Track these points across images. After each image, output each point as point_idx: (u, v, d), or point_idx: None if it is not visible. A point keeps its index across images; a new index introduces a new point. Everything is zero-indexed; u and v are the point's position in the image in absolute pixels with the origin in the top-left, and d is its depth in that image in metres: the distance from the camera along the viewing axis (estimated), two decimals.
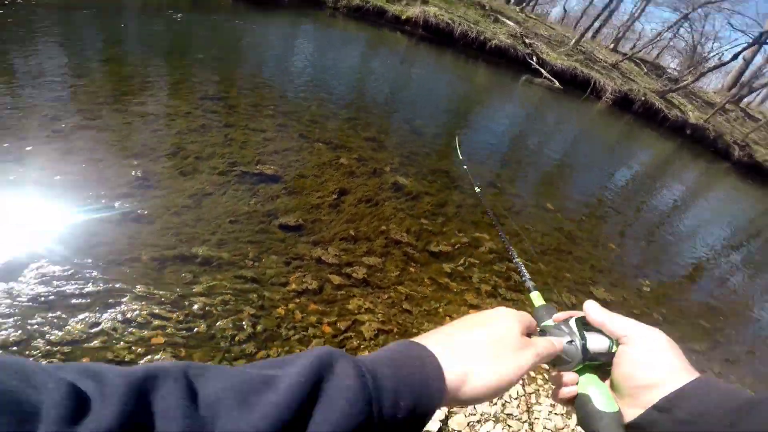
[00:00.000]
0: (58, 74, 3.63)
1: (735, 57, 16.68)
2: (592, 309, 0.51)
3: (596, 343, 0.50)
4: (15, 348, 1.60)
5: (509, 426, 2.00)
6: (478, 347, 0.42)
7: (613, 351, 0.48)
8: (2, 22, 4.35)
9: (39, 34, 4.30)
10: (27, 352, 1.60)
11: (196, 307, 1.96)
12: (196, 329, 1.87)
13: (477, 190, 1.61)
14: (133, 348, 1.72)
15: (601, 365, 0.50)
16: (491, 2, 18.01)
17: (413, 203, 3.51)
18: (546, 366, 0.53)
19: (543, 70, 13.21)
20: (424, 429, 1.94)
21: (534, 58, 13.42)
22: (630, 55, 17.44)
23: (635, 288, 3.94)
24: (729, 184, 12.45)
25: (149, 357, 1.73)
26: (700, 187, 10.47)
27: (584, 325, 0.53)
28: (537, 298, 0.70)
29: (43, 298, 1.78)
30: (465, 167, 4.37)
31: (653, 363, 0.43)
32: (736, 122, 17.32)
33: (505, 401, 2.14)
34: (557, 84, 12.90)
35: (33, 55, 3.85)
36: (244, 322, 1.98)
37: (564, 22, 28.95)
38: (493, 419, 1.98)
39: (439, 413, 1.93)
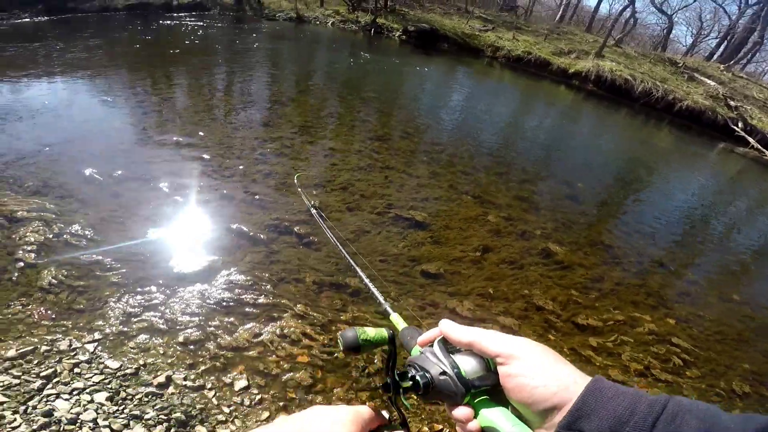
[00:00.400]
0: (265, 99, 4.59)
1: None
2: (450, 329, 0.46)
3: (471, 366, 0.44)
4: (192, 347, 1.88)
5: None
6: None
7: (492, 372, 0.43)
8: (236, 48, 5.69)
9: (254, 58, 5.53)
10: (199, 353, 1.86)
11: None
12: (336, 354, 1.99)
13: (313, 211, 1.41)
14: (281, 363, 1.90)
15: (491, 387, 0.43)
16: (686, 59, 15.65)
17: (563, 273, 3.15)
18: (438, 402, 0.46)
19: (750, 138, 10.66)
20: None
21: (740, 124, 10.98)
22: None
23: None
24: None
25: (291, 374, 1.88)
26: None
27: (449, 347, 0.47)
28: (398, 321, 0.62)
29: (225, 303, 2.12)
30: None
31: (541, 380, 0.38)
32: None
33: None
34: None
35: (249, 77, 4.94)
36: (376, 357, 2.03)
37: None
38: None
39: None
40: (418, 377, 0.44)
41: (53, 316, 1.88)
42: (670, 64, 13.57)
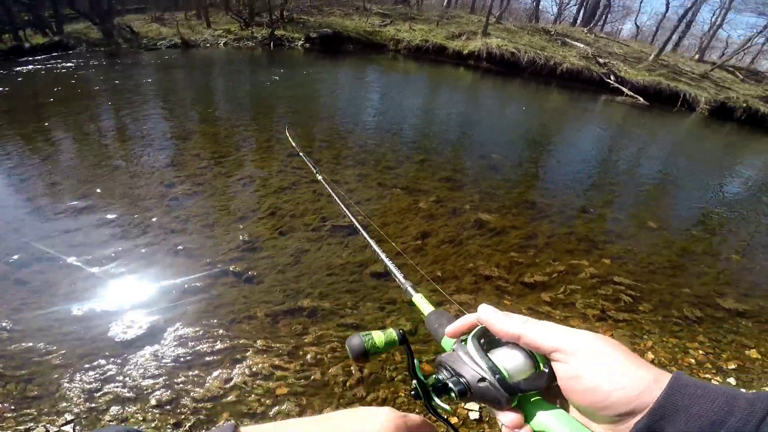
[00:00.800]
0: (166, 137, 4.21)
1: None
2: (491, 319, 0.38)
3: (516, 365, 0.37)
4: (168, 407, 1.74)
5: None
6: None
7: (544, 370, 0.36)
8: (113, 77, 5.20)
9: (143, 95, 5.08)
10: (178, 410, 1.73)
11: (309, 356, 2.03)
12: (312, 377, 1.92)
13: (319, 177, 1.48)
14: (263, 400, 1.80)
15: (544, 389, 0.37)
16: (556, 27, 17.49)
17: (499, 238, 3.34)
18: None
19: (624, 88, 12.26)
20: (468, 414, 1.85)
21: (612, 77, 12.55)
22: (720, 64, 15.51)
23: None
24: None
25: (278, 408, 1.79)
26: None
27: (488, 337, 0.40)
28: (423, 303, 0.54)
29: (183, 359, 1.95)
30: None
31: (616, 382, 0.31)
32: None
33: None
34: (641, 100, 11.84)
35: (142, 117, 4.52)
36: (352, 367, 1.99)
37: (638, 39, 26.92)
38: None
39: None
40: (450, 384, 0.37)
41: (12, 408, 1.68)
42: (544, 33, 15.07)
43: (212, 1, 11.28)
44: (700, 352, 2.63)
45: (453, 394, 0.37)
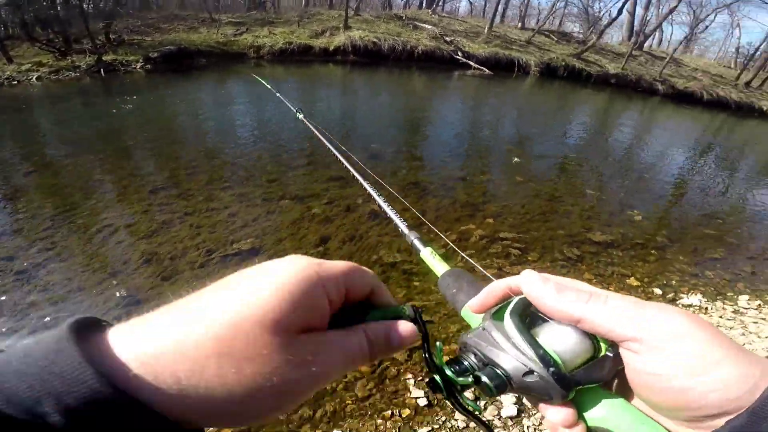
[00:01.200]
0: None
1: (620, 12, 18.10)
2: (541, 295, 0.29)
3: (570, 350, 0.28)
4: None
5: None
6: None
7: (608, 354, 0.28)
8: None
9: None
10: None
11: None
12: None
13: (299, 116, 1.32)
14: None
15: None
16: (406, 12, 18.51)
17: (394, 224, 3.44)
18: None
19: (470, 62, 13.60)
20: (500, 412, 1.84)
21: (459, 53, 13.81)
22: (538, 29, 18.25)
23: (627, 221, 4.08)
24: (667, 113, 13.21)
25: None
26: (647, 121, 11.02)
27: (530, 317, 0.31)
28: (432, 259, 0.43)
29: None
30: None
31: (705, 381, 0.24)
32: (647, 64, 18.37)
33: None
34: (487, 71, 13.30)
35: None
36: None
37: (473, 14, 30.10)
38: None
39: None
40: (484, 378, 0.28)
41: None
42: (397, 19, 15.83)
43: (9, 33, 9.09)
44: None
45: (486, 388, 0.28)
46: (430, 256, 0.43)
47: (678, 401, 0.25)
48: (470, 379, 0.29)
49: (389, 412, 1.86)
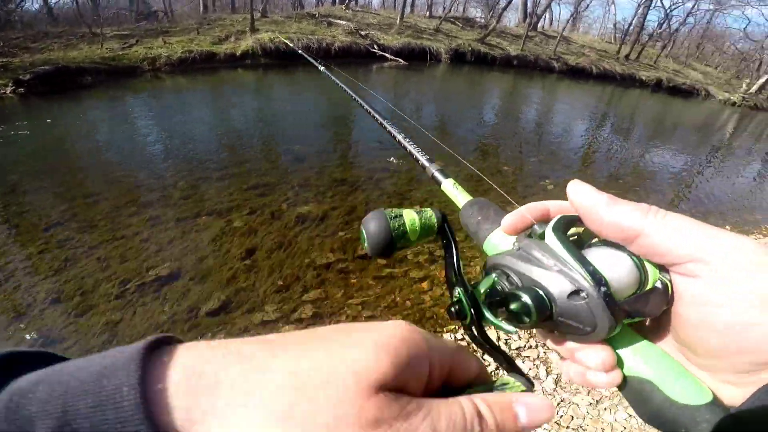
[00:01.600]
0: None
1: None
2: (596, 204, 0.25)
3: (620, 276, 0.24)
4: None
5: None
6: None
7: (657, 286, 0.24)
8: None
9: None
10: None
11: None
12: None
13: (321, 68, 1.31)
14: None
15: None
16: (319, 9, 18.11)
17: (324, 224, 3.36)
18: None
19: (386, 54, 13.72)
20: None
21: (375, 47, 13.85)
22: (444, 17, 18.97)
23: (542, 191, 4.44)
24: (564, 88, 14.52)
25: None
26: (549, 97, 11.98)
27: (578, 238, 0.27)
28: (455, 190, 0.40)
29: None
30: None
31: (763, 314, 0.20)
32: (542, 44, 20.02)
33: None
34: (402, 62, 13.52)
35: None
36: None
37: (386, 6, 30.40)
38: None
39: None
40: (524, 297, 0.23)
41: None
42: (310, 17, 15.41)
43: None
44: None
45: (523, 316, 0.24)
46: (452, 188, 0.40)
47: (740, 342, 0.21)
48: (499, 300, 0.25)
49: None
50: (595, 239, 0.28)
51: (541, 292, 0.24)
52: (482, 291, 0.26)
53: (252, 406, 0.17)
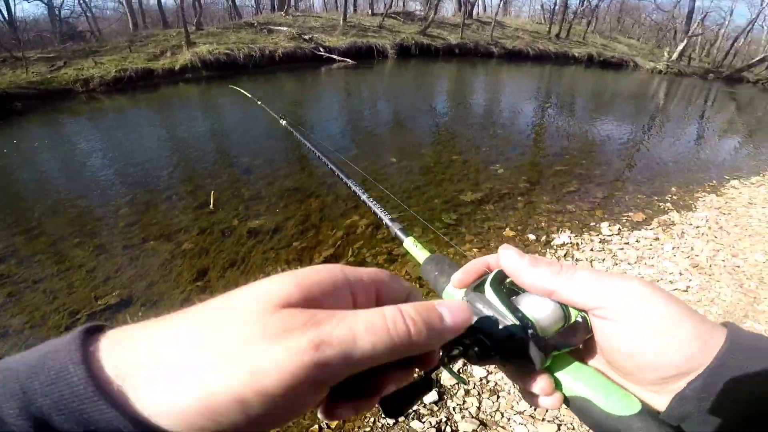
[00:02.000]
0: None
1: None
2: (519, 268, 0.30)
3: (546, 317, 0.29)
4: None
5: None
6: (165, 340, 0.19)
7: (578, 320, 0.30)
8: None
9: None
10: None
11: None
12: None
13: (283, 123, 1.26)
14: None
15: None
16: (257, 18, 17.50)
17: (278, 236, 3.22)
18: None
19: (333, 56, 13.51)
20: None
21: (321, 49, 13.59)
22: (386, 13, 18.96)
23: (492, 176, 4.43)
24: (505, 72, 14.92)
25: None
26: (492, 82, 12.27)
27: (508, 288, 0.32)
28: (415, 248, 0.44)
29: None
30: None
31: (658, 343, 0.26)
32: (479, 30, 20.51)
33: None
34: (350, 61, 13.37)
35: None
36: None
37: (328, 8, 29.97)
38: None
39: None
40: (470, 341, 0.29)
41: None
42: (249, 27, 14.86)
43: None
44: (474, 249, 3.02)
45: (471, 357, 0.29)
46: (412, 245, 0.44)
47: (642, 363, 0.26)
48: (459, 348, 0.29)
49: None
50: None
51: (483, 337, 0.29)
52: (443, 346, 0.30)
53: (171, 348, 0.19)
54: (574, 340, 0.29)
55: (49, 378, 0.18)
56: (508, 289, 0.32)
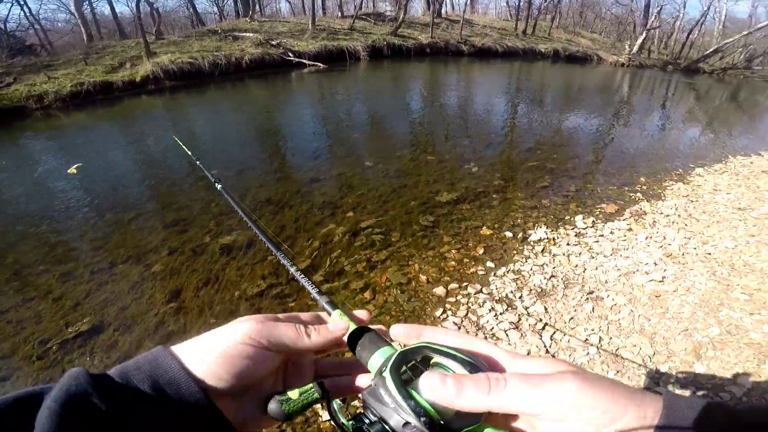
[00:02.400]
0: None
1: None
2: (444, 396, 0.30)
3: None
4: None
5: None
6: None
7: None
8: None
9: None
10: None
11: None
12: None
13: (218, 186, 1.14)
14: None
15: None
16: (221, 25, 17.15)
17: (252, 250, 3.14)
18: None
19: (303, 60, 13.38)
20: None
21: (290, 54, 13.44)
22: (356, 15, 18.97)
23: (467, 175, 4.47)
24: (476, 69, 15.17)
25: None
26: (464, 80, 12.44)
27: (412, 366, 0.32)
28: (342, 322, 0.43)
29: None
30: (198, 162, 4.10)
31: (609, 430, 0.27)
32: (449, 29, 20.82)
33: None
34: (321, 65, 13.28)
35: None
36: None
37: (296, 12, 29.70)
38: None
39: None
40: (373, 430, 0.30)
41: None
42: (213, 34, 14.53)
43: None
44: (453, 251, 3.01)
45: None
46: (338, 318, 0.44)
47: None
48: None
49: None
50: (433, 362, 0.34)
51: (386, 426, 0.30)
52: (351, 427, 0.32)
53: (198, 342, 0.37)
54: (478, 416, 0.30)
55: (153, 369, 0.32)
56: (415, 366, 0.32)
